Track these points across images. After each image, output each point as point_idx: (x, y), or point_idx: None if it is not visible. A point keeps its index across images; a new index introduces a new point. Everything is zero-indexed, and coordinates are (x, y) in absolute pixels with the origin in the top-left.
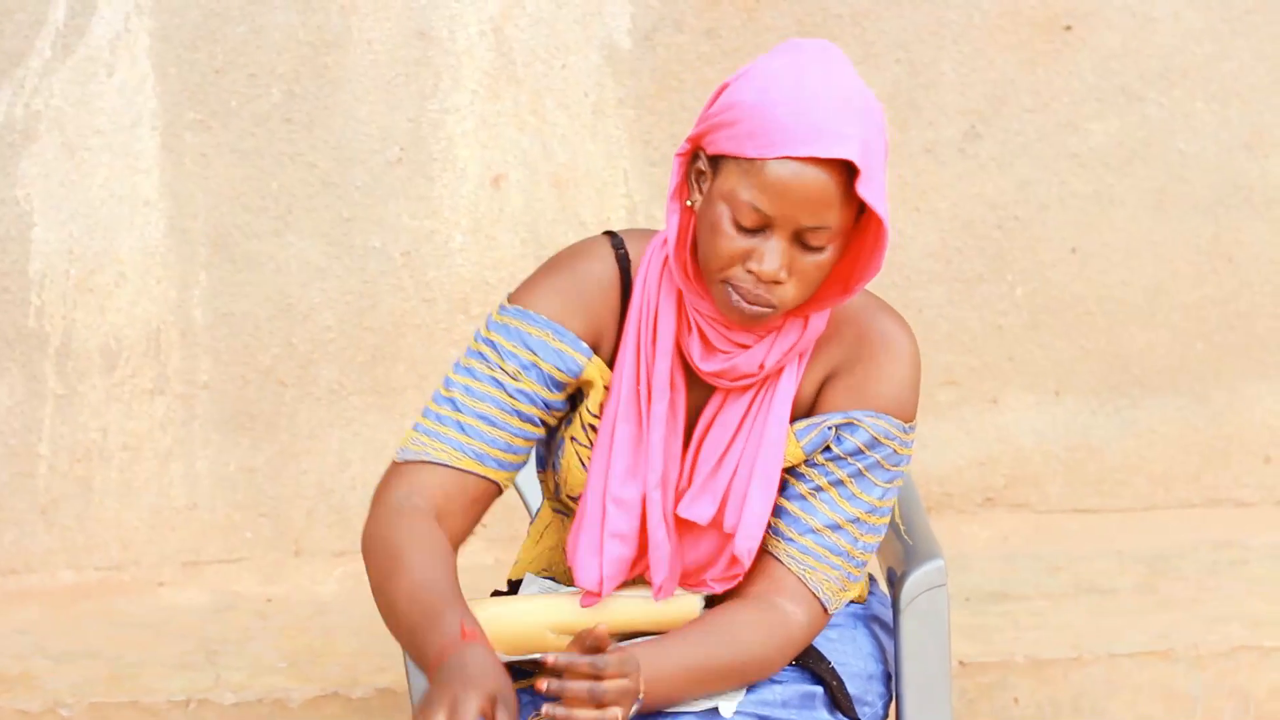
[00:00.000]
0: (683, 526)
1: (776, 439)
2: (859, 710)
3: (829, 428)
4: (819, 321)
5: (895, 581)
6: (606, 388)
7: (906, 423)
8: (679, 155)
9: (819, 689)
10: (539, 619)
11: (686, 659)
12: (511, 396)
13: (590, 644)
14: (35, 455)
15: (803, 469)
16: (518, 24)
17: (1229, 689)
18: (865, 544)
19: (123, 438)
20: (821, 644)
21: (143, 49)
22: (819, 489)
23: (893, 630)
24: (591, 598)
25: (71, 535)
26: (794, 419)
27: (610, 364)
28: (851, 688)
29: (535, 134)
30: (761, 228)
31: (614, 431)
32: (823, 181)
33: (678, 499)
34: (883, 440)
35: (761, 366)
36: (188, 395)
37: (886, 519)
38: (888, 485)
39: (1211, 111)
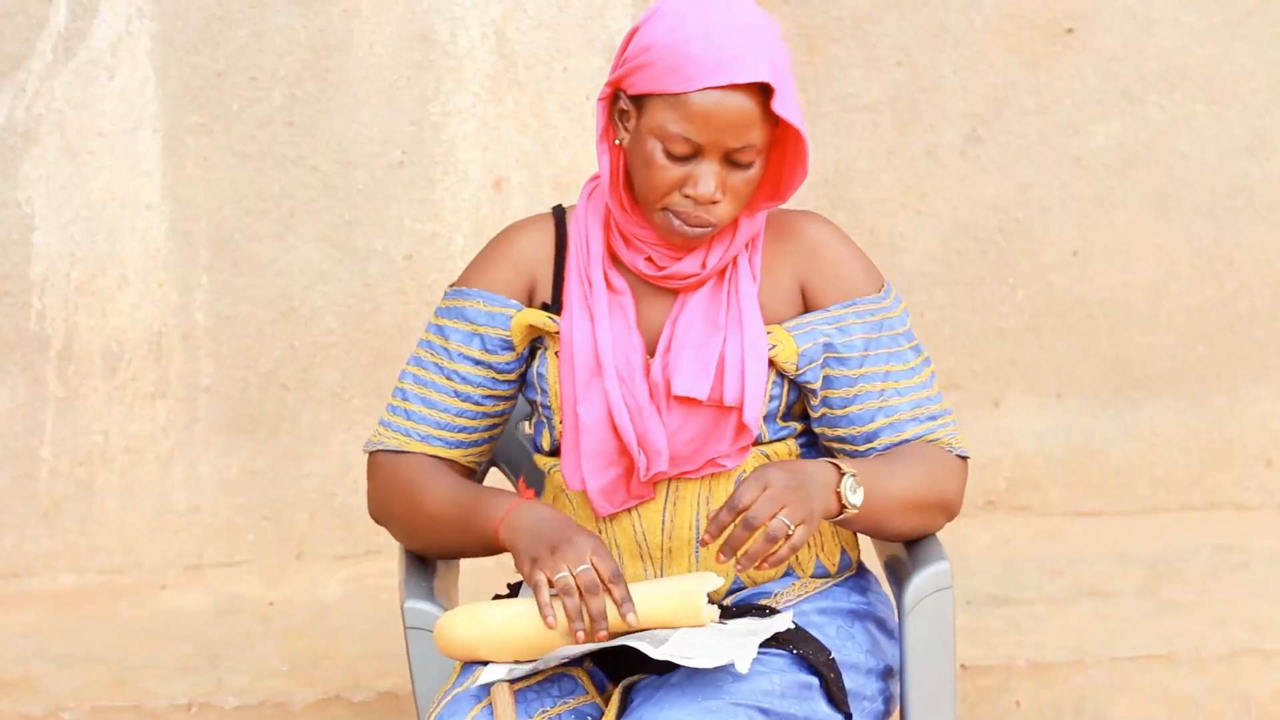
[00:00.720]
0: (676, 411)
1: (754, 315)
2: (858, 704)
3: (825, 342)
4: (750, 223)
5: (900, 584)
6: (555, 334)
7: (878, 290)
8: (601, 100)
9: (815, 680)
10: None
11: (891, 469)
12: (449, 379)
13: (726, 506)
14: (37, 458)
15: (853, 393)
16: (519, 27)
17: (1231, 693)
18: (937, 391)
19: (124, 441)
20: (820, 637)
21: (144, 52)
22: (881, 392)
23: (892, 630)
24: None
25: (73, 538)
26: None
27: (557, 306)
28: (849, 681)
29: (537, 137)
30: (692, 154)
31: (573, 343)
32: (743, 104)
33: (666, 386)
34: (876, 318)
35: (704, 265)
36: (189, 398)
37: (930, 364)
38: (913, 343)
39: (1212, 114)
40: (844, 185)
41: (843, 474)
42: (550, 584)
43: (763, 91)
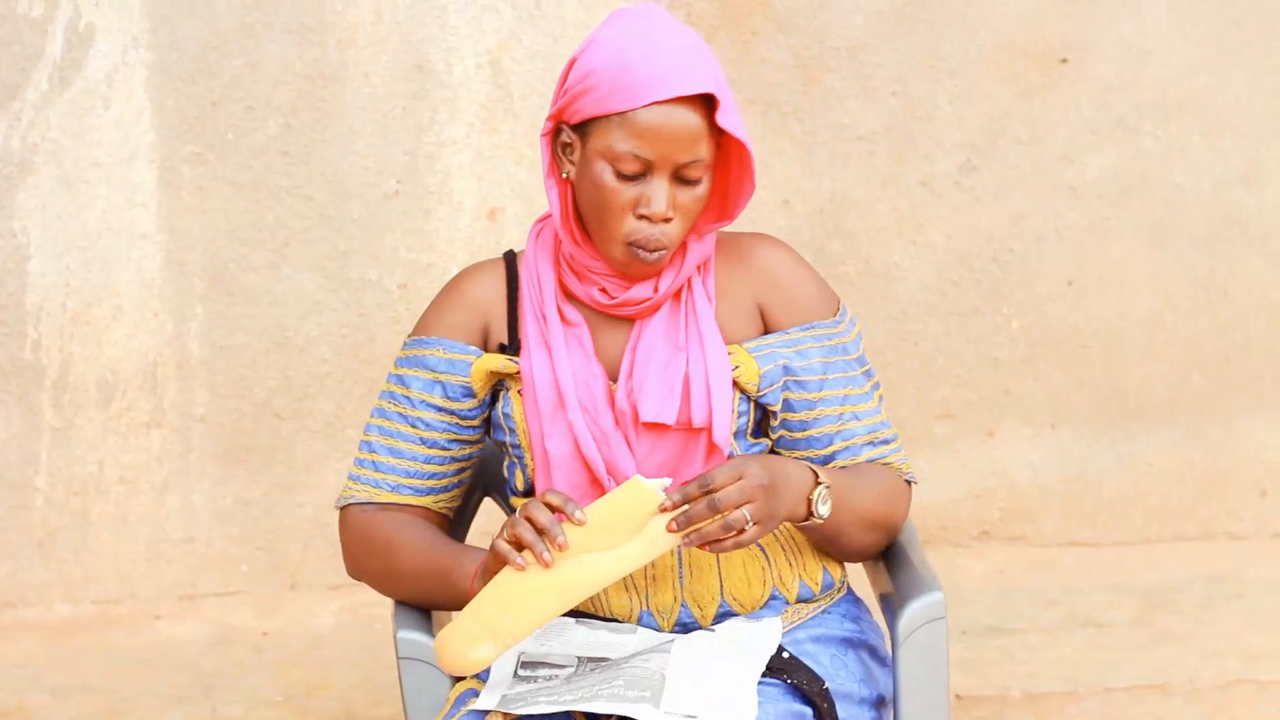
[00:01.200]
0: (645, 437)
1: (714, 334)
2: None
3: (784, 365)
4: (699, 245)
5: (893, 614)
6: (516, 375)
7: (834, 313)
8: (544, 135)
9: (809, 710)
10: (536, 585)
11: (855, 481)
12: (413, 426)
13: (697, 480)
14: (32, 488)
15: (813, 417)
16: (514, 57)
17: None
18: (884, 416)
19: (119, 470)
20: (814, 666)
21: (140, 82)
22: (839, 415)
23: (885, 659)
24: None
25: (68, 568)
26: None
27: (514, 346)
28: (842, 711)
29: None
30: (642, 173)
31: (534, 380)
32: (689, 118)
33: (634, 413)
34: (832, 343)
35: (656, 289)
36: (184, 428)
37: (879, 388)
38: (865, 368)
39: (1207, 145)
40: (839, 215)
41: (818, 483)
42: (507, 541)
43: (706, 105)
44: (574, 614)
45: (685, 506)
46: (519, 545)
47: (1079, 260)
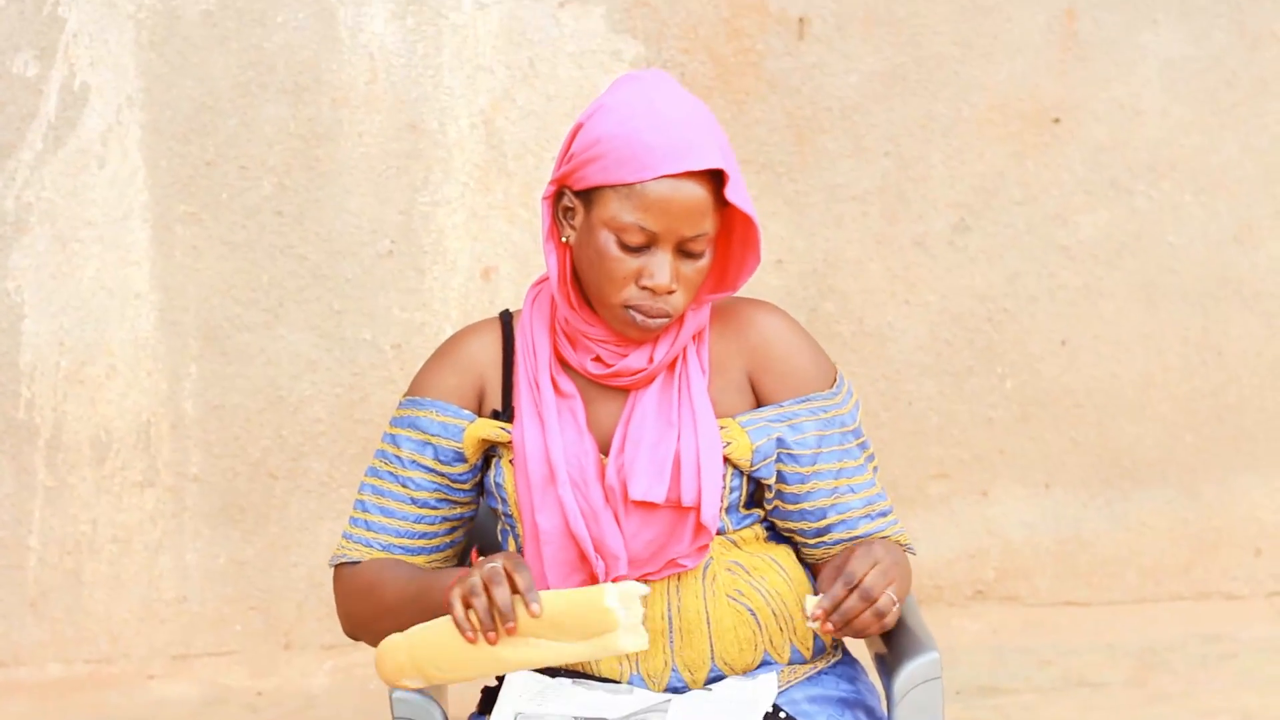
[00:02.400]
0: (634, 514)
1: (706, 411)
2: None
3: (777, 438)
4: (695, 316)
5: (889, 674)
6: (508, 443)
7: (830, 384)
8: (545, 199)
9: None
10: (458, 642)
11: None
12: (404, 486)
13: (841, 579)
14: (25, 547)
15: (805, 490)
16: (508, 116)
17: None
18: (881, 488)
19: (112, 530)
20: None
21: (134, 141)
22: (834, 489)
23: (882, 719)
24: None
25: (61, 628)
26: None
27: (508, 411)
28: None
29: (526, 227)
30: (646, 245)
31: (525, 452)
32: (696, 192)
33: (622, 489)
34: (829, 416)
35: (651, 360)
36: (178, 487)
37: (874, 460)
38: (860, 440)
39: (1200, 204)
40: (832, 275)
41: (905, 550)
42: (462, 597)
43: (714, 179)
44: (569, 673)
45: (838, 606)
46: (468, 590)
47: (1072, 320)
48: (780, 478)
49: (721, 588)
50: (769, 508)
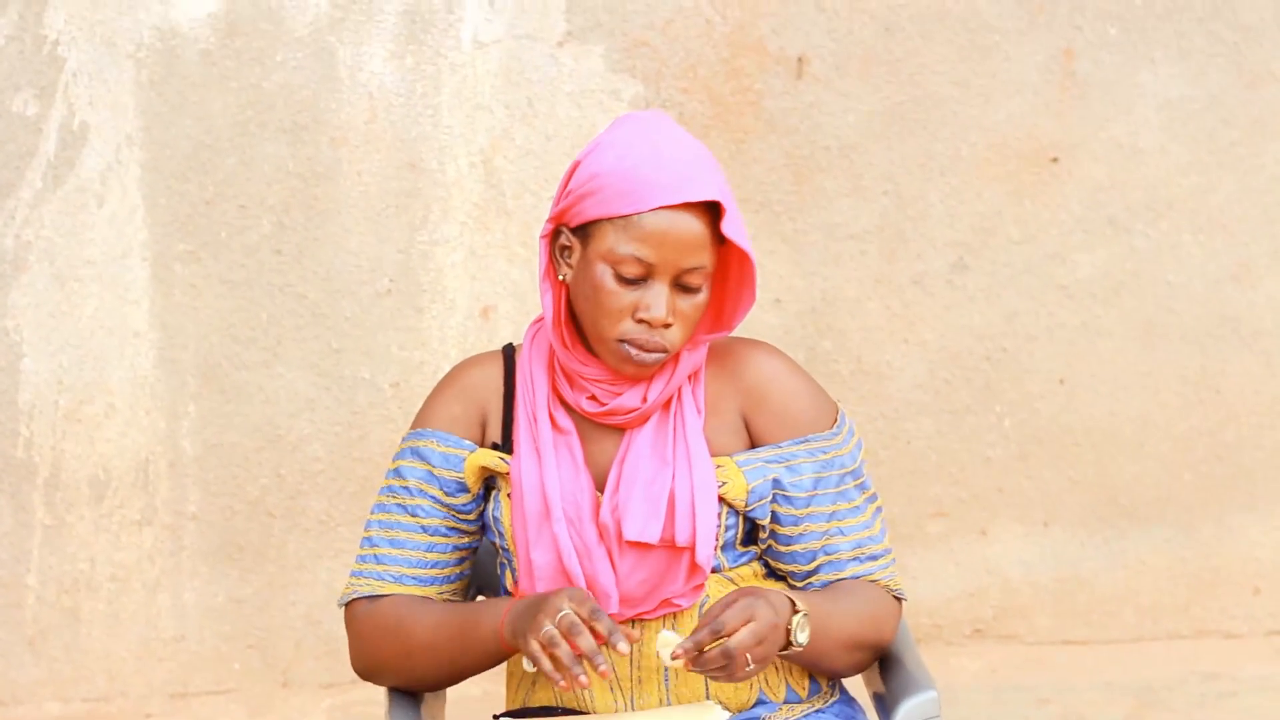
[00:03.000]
0: (629, 554)
1: (701, 451)
2: None
3: (774, 479)
4: (691, 355)
5: (887, 713)
6: (507, 475)
7: (830, 426)
8: (543, 237)
9: None
10: None
11: (835, 606)
12: (413, 516)
13: (709, 626)
14: (23, 586)
15: (798, 532)
16: (507, 155)
17: None
18: (880, 529)
19: (111, 568)
20: None
21: (133, 180)
22: (826, 531)
23: None
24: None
25: (59, 666)
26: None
27: (508, 445)
28: None
29: (525, 265)
30: (643, 278)
31: (522, 487)
32: (694, 225)
33: (617, 529)
34: (827, 456)
35: (645, 399)
36: (176, 526)
37: (876, 500)
38: (859, 481)
39: (1198, 243)
40: (830, 314)
41: (795, 611)
42: (542, 647)
43: (711, 215)
44: (566, 712)
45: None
46: (547, 641)
47: (1071, 359)
48: (774, 519)
49: None
50: (763, 548)
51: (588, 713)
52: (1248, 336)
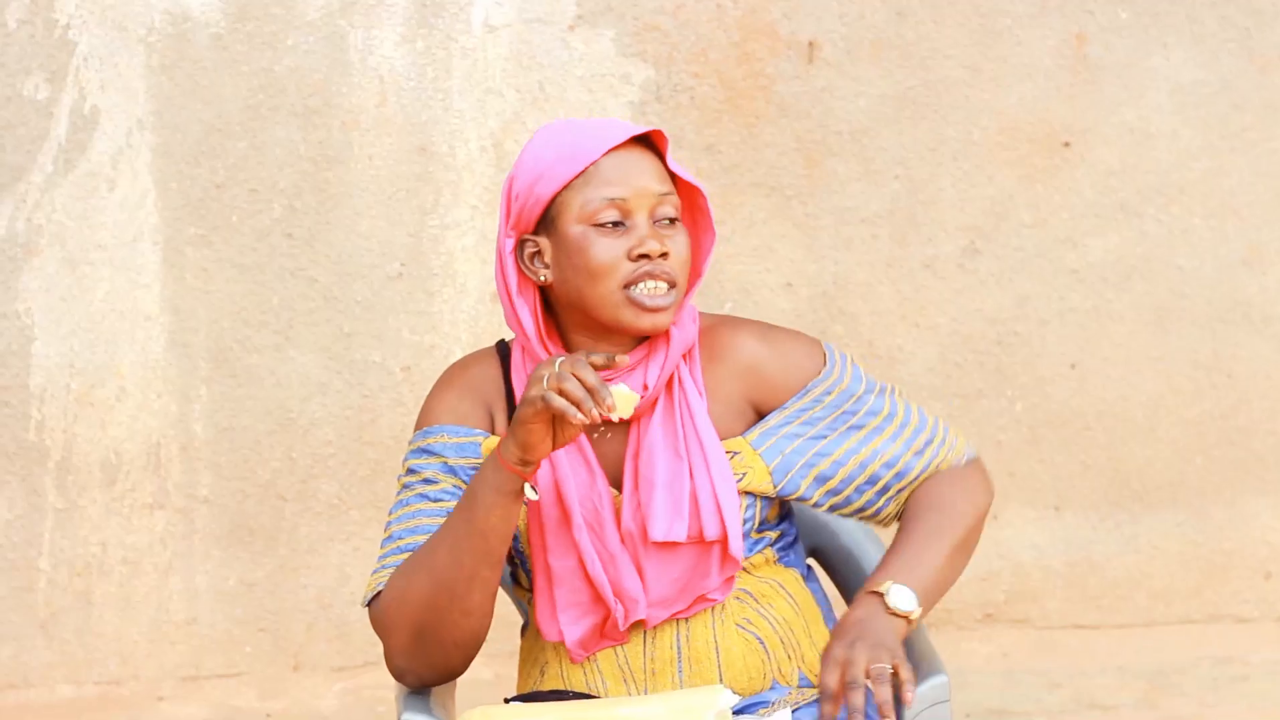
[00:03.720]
0: (655, 555)
1: (712, 438)
2: None
3: (797, 446)
4: (681, 332)
5: (898, 697)
6: None
7: (821, 366)
8: (507, 254)
9: None
10: None
11: (912, 540)
12: (435, 501)
13: (824, 696)
14: (35, 569)
15: (853, 465)
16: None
17: None
18: (917, 413)
19: (122, 552)
20: None
21: (144, 164)
22: (874, 451)
23: None
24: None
25: (71, 649)
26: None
27: None
28: None
29: None
30: (621, 221)
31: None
32: (648, 156)
33: (641, 532)
34: (833, 395)
35: (646, 386)
36: (188, 509)
37: (895, 390)
38: (874, 393)
39: (1210, 228)
40: (842, 297)
41: (882, 595)
42: (553, 390)
43: (655, 154)
44: (577, 695)
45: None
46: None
47: (1082, 343)
48: (818, 480)
49: (731, 616)
50: (824, 507)
51: (597, 696)
52: (1259, 321)
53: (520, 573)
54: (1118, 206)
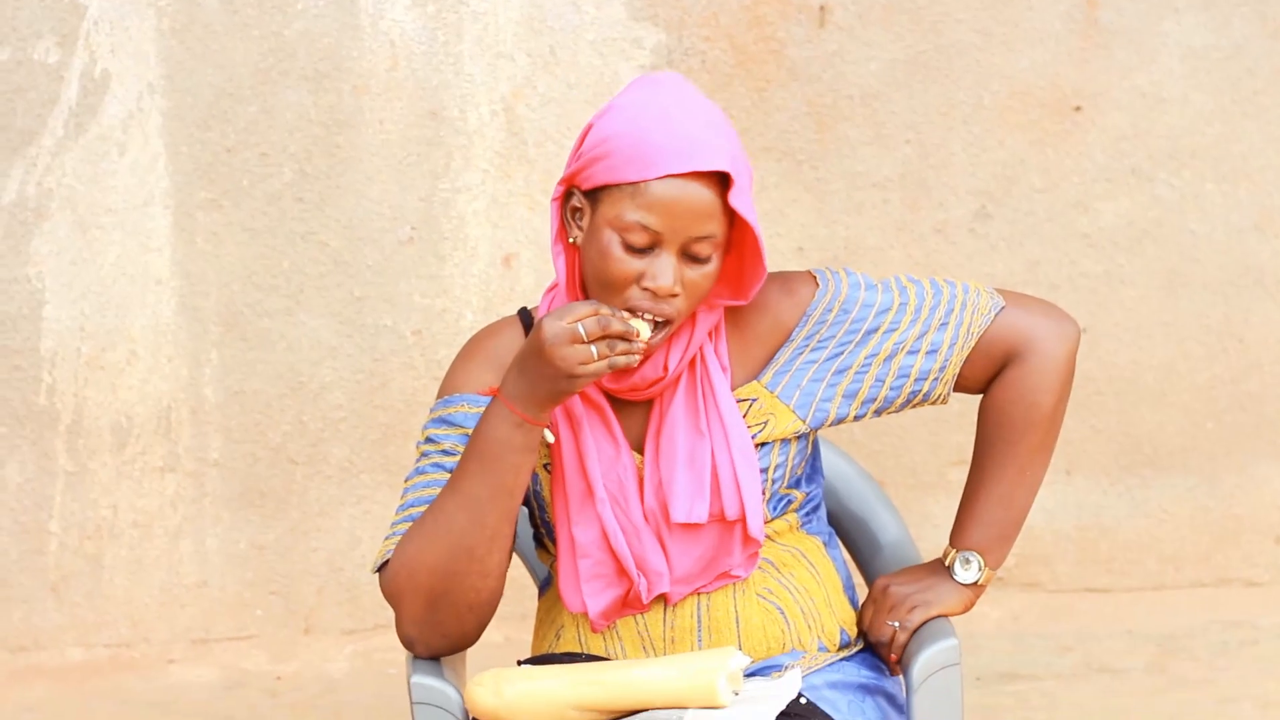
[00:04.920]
0: (678, 533)
1: (734, 415)
2: None
3: (813, 376)
4: (708, 315)
5: (908, 660)
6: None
7: (816, 286)
8: (555, 200)
9: None
10: (563, 697)
11: (994, 491)
12: (450, 472)
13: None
14: (45, 532)
15: (895, 367)
16: (529, 104)
17: None
18: (929, 284)
19: (133, 515)
20: (832, 712)
21: (155, 128)
22: (898, 344)
23: (903, 705)
24: (601, 622)
25: (81, 612)
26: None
27: None
28: None
29: (546, 214)
30: (650, 246)
31: (561, 464)
32: (702, 194)
33: (662, 509)
34: (834, 312)
35: (666, 369)
36: (198, 473)
37: (900, 278)
38: (883, 291)
39: (1221, 192)
40: (853, 262)
41: (951, 572)
42: (590, 332)
43: (722, 183)
44: (591, 658)
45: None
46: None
47: (1093, 307)
48: (849, 397)
49: (751, 586)
50: (869, 414)
51: (610, 659)
52: (1271, 286)
53: (547, 541)
54: (1129, 171)
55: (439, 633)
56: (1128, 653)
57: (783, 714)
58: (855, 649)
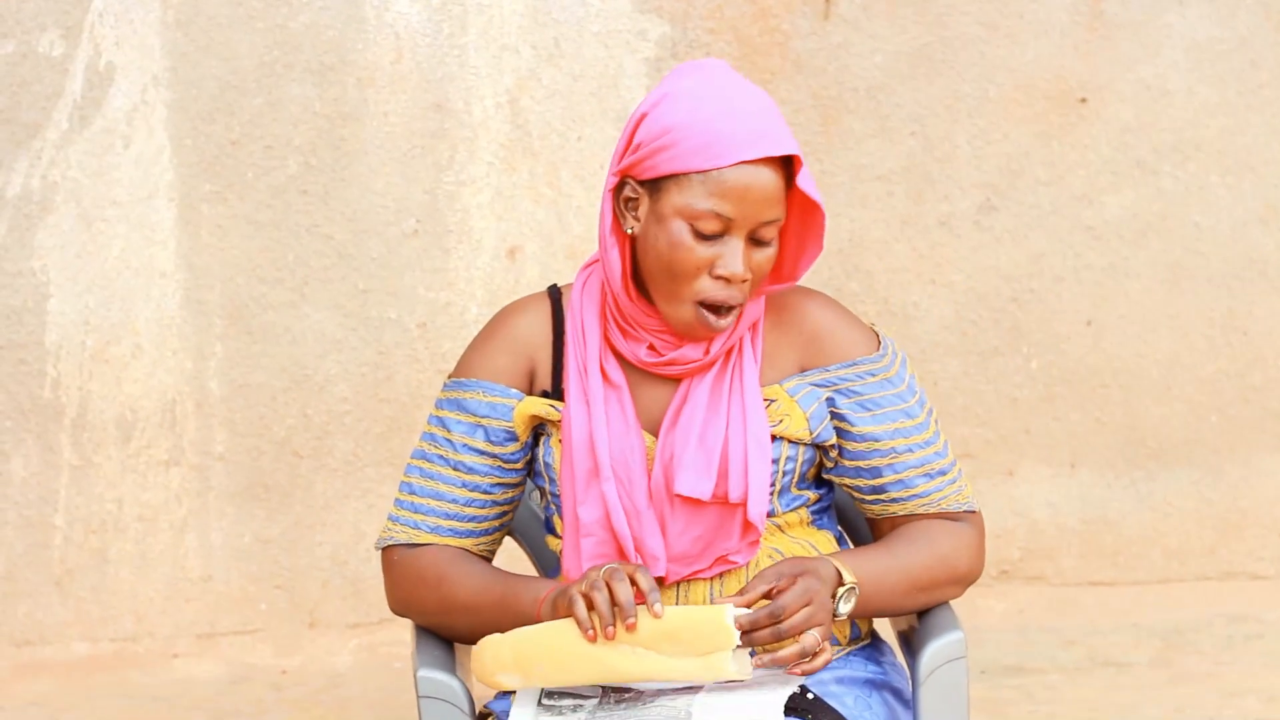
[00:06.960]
0: (680, 509)
1: (757, 406)
2: None
3: (828, 398)
4: (753, 306)
5: (913, 653)
6: (557, 423)
7: (875, 350)
8: (609, 191)
9: None
10: (569, 645)
11: (893, 559)
12: (455, 469)
13: (767, 610)
14: (50, 526)
15: (861, 448)
16: (534, 96)
17: None
18: (943, 443)
19: (138, 509)
20: (839, 707)
21: (159, 121)
22: (891, 449)
23: (909, 700)
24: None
25: (86, 606)
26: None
27: (558, 392)
28: None
29: (551, 206)
30: (720, 233)
31: (571, 442)
32: (772, 178)
33: (668, 484)
34: (877, 378)
35: (707, 351)
36: (203, 466)
37: (934, 413)
38: (916, 398)
39: (1226, 185)
40: (857, 255)
41: (841, 583)
42: (581, 594)
43: (784, 166)
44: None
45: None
46: (590, 606)
47: (1098, 300)
48: (841, 434)
49: None
50: (830, 465)
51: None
52: (1275, 278)
53: (558, 520)
54: (1134, 164)
55: (422, 624)
56: (1133, 646)
57: (789, 710)
58: (863, 643)
